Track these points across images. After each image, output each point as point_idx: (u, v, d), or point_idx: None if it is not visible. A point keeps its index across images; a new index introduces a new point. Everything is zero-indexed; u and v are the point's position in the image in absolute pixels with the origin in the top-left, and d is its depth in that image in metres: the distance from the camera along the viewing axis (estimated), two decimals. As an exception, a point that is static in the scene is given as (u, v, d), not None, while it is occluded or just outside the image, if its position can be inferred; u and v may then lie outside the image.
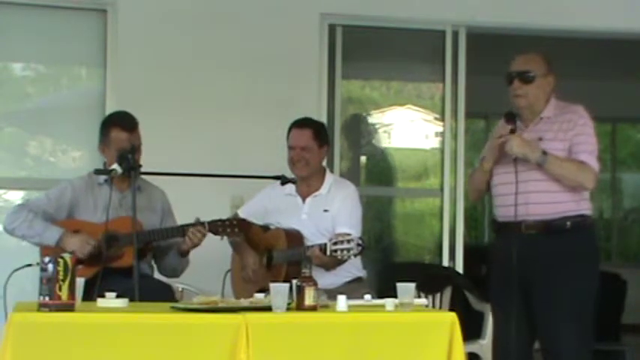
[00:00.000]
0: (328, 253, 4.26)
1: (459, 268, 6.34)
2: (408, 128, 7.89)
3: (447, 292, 5.50)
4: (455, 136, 6.54)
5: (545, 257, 4.24)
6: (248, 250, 4.85)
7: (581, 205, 4.29)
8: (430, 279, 5.42)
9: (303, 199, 4.86)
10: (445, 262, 6.41)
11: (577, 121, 4.29)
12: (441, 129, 6.63)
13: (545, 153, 4.18)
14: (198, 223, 4.47)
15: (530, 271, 4.24)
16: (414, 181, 8.08)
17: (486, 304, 5.50)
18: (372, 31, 6.51)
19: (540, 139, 4.27)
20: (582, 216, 4.29)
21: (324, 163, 5.03)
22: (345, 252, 4.21)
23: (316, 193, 4.85)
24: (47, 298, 3.39)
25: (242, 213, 4.95)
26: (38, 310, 3.40)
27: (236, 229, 4.53)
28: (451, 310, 4.64)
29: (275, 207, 4.89)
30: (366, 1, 6.28)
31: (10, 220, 4.53)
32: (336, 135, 6.35)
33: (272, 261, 4.76)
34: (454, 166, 6.49)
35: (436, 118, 6.93)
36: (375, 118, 7.36)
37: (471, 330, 4.95)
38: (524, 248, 4.23)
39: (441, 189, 6.51)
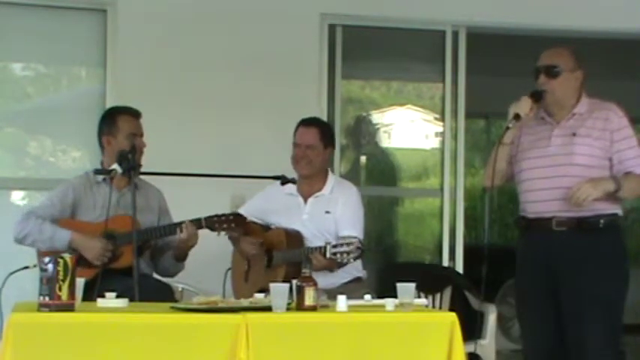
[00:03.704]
0: (328, 255, 4.25)
1: (459, 268, 6.34)
2: (408, 128, 7.90)
3: (447, 292, 5.50)
4: (455, 136, 6.54)
5: (575, 256, 4.16)
6: (247, 239, 4.82)
7: (614, 204, 4.23)
8: (430, 279, 5.42)
9: (305, 200, 4.85)
10: (445, 262, 6.42)
11: (617, 122, 4.22)
12: (441, 129, 6.63)
13: (615, 179, 4.13)
14: (189, 221, 4.47)
15: (559, 270, 4.18)
16: (414, 181, 8.08)
17: (486, 304, 5.52)
18: (372, 31, 6.51)
19: (574, 134, 4.21)
20: (615, 215, 4.25)
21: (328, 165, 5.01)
22: (344, 255, 4.19)
23: (318, 194, 4.84)
24: (47, 298, 3.38)
25: (242, 210, 4.95)
26: (38, 311, 3.39)
27: (233, 224, 4.52)
28: (451, 310, 4.64)
29: (276, 207, 4.88)
30: (366, 1, 6.28)
31: (20, 229, 4.50)
32: (337, 135, 6.34)
33: (272, 261, 4.76)
34: (454, 166, 6.49)
35: (436, 118, 6.94)
36: (375, 118, 7.36)
37: (471, 330, 4.94)
38: (554, 246, 4.18)
39: (441, 189, 6.51)
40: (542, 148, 4.26)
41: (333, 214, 4.78)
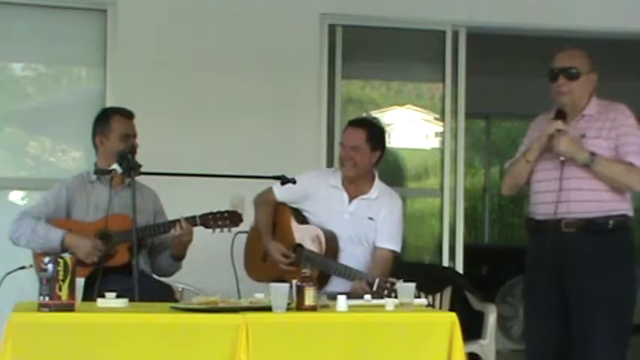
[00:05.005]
0: (374, 288, 4.19)
1: (459, 268, 6.34)
2: (408, 128, 7.89)
3: (447, 292, 5.50)
4: (455, 136, 6.53)
5: (584, 257, 4.17)
6: (279, 248, 4.76)
7: (623, 205, 4.23)
8: (430, 279, 5.42)
9: (350, 199, 4.79)
10: (445, 262, 6.41)
11: (623, 120, 4.22)
12: (441, 129, 6.62)
13: (593, 154, 4.13)
14: (183, 218, 4.46)
15: (567, 271, 4.18)
16: (414, 181, 8.07)
17: (486, 303, 5.52)
18: (372, 31, 6.50)
19: (583, 136, 4.21)
20: (624, 216, 4.23)
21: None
22: (387, 292, 4.09)
23: (364, 196, 4.77)
24: (47, 298, 3.39)
25: (278, 190, 4.82)
26: (38, 310, 3.40)
27: (227, 221, 4.51)
28: (451, 310, 4.64)
29: (318, 195, 4.78)
30: (366, 1, 6.28)
31: (14, 229, 4.51)
32: (337, 135, 6.34)
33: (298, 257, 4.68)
34: (454, 166, 6.49)
35: (436, 118, 6.93)
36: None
37: (471, 330, 4.94)
38: (563, 247, 4.18)
39: (441, 189, 6.50)
40: (551, 151, 4.25)
41: (375, 222, 4.73)
